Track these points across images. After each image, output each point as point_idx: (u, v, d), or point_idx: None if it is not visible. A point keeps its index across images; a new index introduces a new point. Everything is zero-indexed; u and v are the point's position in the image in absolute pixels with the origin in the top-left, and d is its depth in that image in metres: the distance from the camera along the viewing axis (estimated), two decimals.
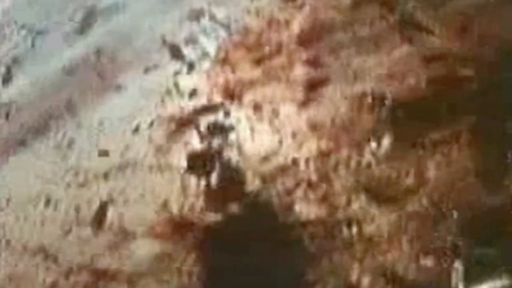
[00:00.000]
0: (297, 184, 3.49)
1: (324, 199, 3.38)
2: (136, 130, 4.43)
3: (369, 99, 3.68)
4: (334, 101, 3.77)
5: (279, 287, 3.17)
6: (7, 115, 5.84)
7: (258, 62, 4.29)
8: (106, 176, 4.26)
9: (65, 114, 5.23)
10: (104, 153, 4.48)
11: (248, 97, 4.11)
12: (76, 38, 5.97)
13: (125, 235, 3.73)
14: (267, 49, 4.33)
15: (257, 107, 4.01)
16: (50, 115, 5.37)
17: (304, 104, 3.86)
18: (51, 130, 5.19)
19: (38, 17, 6.78)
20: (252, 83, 4.18)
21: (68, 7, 6.44)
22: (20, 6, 7.26)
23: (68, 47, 5.92)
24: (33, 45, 6.37)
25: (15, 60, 6.33)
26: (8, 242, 4.28)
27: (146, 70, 4.94)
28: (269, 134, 3.82)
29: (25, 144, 5.26)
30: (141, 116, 4.52)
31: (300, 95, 3.92)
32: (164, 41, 5.04)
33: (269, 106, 3.98)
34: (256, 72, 4.23)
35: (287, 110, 3.89)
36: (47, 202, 4.36)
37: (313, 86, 3.92)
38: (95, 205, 4.08)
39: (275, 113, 3.92)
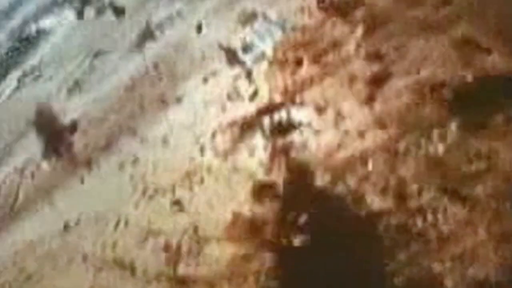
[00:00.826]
0: (367, 177, 3.46)
1: (395, 190, 3.33)
2: (200, 138, 4.47)
3: (431, 87, 3.62)
4: (397, 93, 3.72)
5: (358, 280, 3.13)
6: (71, 137, 5.97)
7: (316, 59, 4.27)
8: (174, 187, 4.30)
9: (128, 131, 5.31)
10: (169, 166, 4.54)
11: (309, 95, 4.10)
12: (134, 54, 6.07)
13: (200, 241, 3.75)
14: (323, 46, 4.31)
15: (319, 104, 3.99)
16: (113, 134, 5.46)
17: (366, 97, 3.82)
18: (115, 149, 5.27)
19: (95, 38, 6.94)
20: (311, 81, 4.16)
21: (124, 25, 6.58)
22: (78, 29, 7.45)
23: (127, 64, 6.03)
24: (92, 66, 6.51)
25: (77, 82, 6.49)
26: (84, 257, 4.36)
27: (205, 78, 4.98)
28: (333, 129, 3.79)
29: (90, 164, 5.35)
30: (204, 124, 4.55)
31: (361, 88, 3.88)
32: (220, 47, 5.08)
33: (331, 102, 3.95)
34: (315, 70, 4.22)
35: (350, 103, 3.86)
36: (118, 222, 4.43)
37: (374, 80, 3.87)
38: (167, 215, 4.12)
39: (338, 108, 3.89)
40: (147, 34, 6.14)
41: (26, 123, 6.74)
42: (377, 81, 3.85)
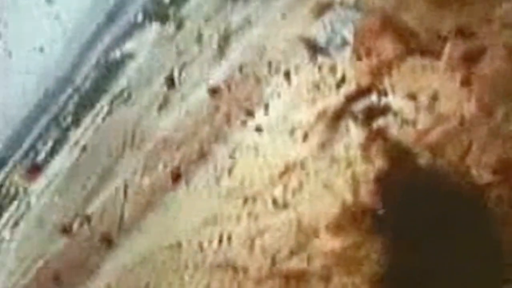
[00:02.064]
0: (468, 149, 3.36)
1: (499, 160, 3.23)
2: (293, 134, 4.46)
3: None
4: (492, 64, 3.59)
5: (469, 259, 3.05)
6: (163, 149, 6.08)
7: (401, 40, 4.18)
8: (273, 188, 4.31)
9: (220, 141, 5.35)
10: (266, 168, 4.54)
11: (397, 77, 4.02)
12: (218, 61, 6.13)
13: (306, 234, 3.74)
14: (407, 26, 4.21)
15: (410, 86, 3.90)
16: (206, 145, 5.51)
17: (462, 75, 3.69)
18: (209, 161, 5.31)
19: (178, 52, 7.06)
20: (398, 62, 4.08)
21: (204, 34, 6.66)
22: (160, 47, 7.60)
23: (212, 72, 6.09)
24: (179, 79, 6.62)
25: (166, 98, 6.60)
26: (195, 266, 4.43)
27: (290, 73, 4.96)
28: (428, 110, 3.70)
29: (188, 179, 5.42)
30: (295, 120, 4.53)
31: (455, 66, 3.76)
32: (301, 40, 5.05)
33: (422, 83, 3.86)
34: (401, 51, 4.13)
35: (442, 83, 3.75)
36: (220, 239, 4.45)
37: (467, 56, 3.74)
38: (271, 215, 4.13)
39: (431, 89, 3.79)
40: (228, 39, 6.20)
41: (122, 145, 6.91)
42: (470, 57, 3.71)
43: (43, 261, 6.70)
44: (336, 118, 4.16)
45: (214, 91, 5.85)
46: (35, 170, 8.78)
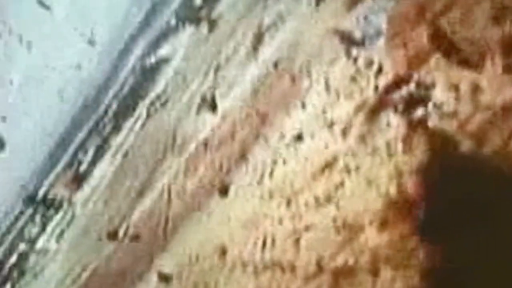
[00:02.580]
0: (511, 135, 3.27)
1: None
2: (333, 129, 4.41)
3: None
4: None
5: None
6: (203, 151, 6.08)
7: (437, 25, 4.08)
8: (316, 183, 4.26)
9: (259, 141, 5.33)
10: (307, 164, 4.50)
11: (435, 64, 3.93)
12: (253, 59, 6.12)
13: (351, 230, 3.69)
14: (442, 8, 4.10)
15: (449, 75, 3.80)
16: (246, 146, 5.50)
17: (504, 64, 3.57)
18: (250, 162, 5.30)
19: (213, 53, 7.08)
20: (436, 49, 3.98)
21: (237, 33, 6.66)
22: (195, 49, 7.64)
23: (247, 71, 6.09)
24: (215, 81, 6.64)
25: (204, 99, 6.63)
26: (242, 267, 4.41)
27: (327, 67, 4.92)
28: (466, 94, 3.61)
29: (229, 181, 5.41)
30: (335, 114, 4.49)
31: (496, 56, 3.64)
32: (335, 33, 5.00)
33: (462, 73, 3.75)
34: (438, 37, 4.02)
35: (483, 71, 3.64)
36: (265, 239, 4.43)
37: (509, 46, 3.60)
38: (314, 211, 4.10)
39: (470, 76, 3.67)
40: (261, 37, 6.18)
41: (163, 149, 6.95)
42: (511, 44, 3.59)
43: (91, 268, 6.79)
44: (375, 110, 4.09)
45: (251, 89, 5.83)
46: (78, 179, 8.92)
